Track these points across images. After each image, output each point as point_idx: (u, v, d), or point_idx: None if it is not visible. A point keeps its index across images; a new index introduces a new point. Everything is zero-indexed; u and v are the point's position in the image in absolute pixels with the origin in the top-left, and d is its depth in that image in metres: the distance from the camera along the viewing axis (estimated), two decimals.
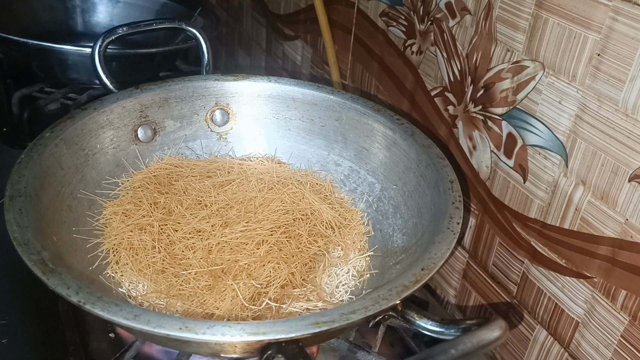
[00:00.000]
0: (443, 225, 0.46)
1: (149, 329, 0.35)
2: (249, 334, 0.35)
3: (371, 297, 0.39)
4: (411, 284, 0.40)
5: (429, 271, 0.41)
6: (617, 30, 0.39)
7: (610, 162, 0.42)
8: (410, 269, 0.42)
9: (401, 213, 0.56)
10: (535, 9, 0.45)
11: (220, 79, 0.64)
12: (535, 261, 0.50)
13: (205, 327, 0.35)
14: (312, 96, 0.63)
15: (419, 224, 0.52)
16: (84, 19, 1.02)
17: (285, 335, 0.35)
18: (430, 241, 0.45)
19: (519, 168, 0.50)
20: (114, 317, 0.35)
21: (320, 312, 0.38)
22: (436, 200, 0.51)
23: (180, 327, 0.35)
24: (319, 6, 0.74)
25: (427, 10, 0.58)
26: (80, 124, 0.55)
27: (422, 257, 0.43)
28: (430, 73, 0.60)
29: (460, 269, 0.60)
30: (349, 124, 0.62)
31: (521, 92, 0.48)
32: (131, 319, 0.35)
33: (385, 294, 0.39)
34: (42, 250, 0.40)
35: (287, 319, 0.37)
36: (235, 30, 1.10)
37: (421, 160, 0.55)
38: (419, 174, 0.55)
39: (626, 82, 0.39)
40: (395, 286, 0.40)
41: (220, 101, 0.64)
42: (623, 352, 0.43)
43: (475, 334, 0.37)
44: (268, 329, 0.35)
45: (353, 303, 0.38)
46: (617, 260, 0.42)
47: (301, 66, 0.88)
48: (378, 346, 0.51)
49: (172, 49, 0.92)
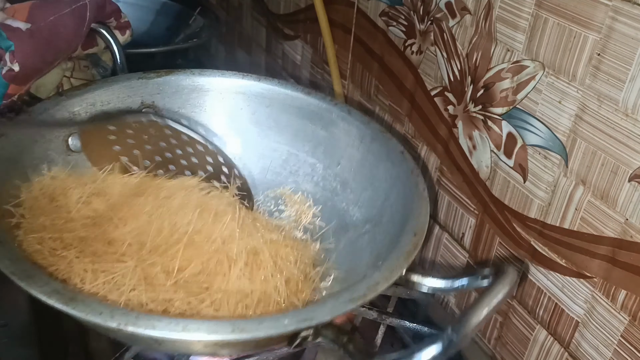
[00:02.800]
0: (412, 193, 0.50)
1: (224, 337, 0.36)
2: (299, 320, 0.37)
3: (386, 267, 0.42)
4: (412, 249, 0.44)
5: (421, 234, 0.46)
6: (617, 30, 0.39)
7: (610, 161, 0.42)
8: (402, 237, 0.45)
9: (351, 188, 0.59)
10: (535, 8, 0.45)
11: (144, 76, 0.62)
12: (535, 261, 0.50)
13: (257, 323, 0.36)
14: (239, 85, 0.63)
15: (374, 196, 0.56)
16: None
17: (329, 316, 0.38)
18: (406, 209, 0.49)
19: (519, 168, 0.50)
20: (165, 334, 0.35)
21: (351, 288, 0.40)
22: (392, 172, 0.55)
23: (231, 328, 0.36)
24: (318, 6, 0.74)
25: (427, 10, 0.58)
26: (15, 141, 0.50)
27: (408, 224, 0.47)
28: (430, 73, 0.60)
29: (461, 269, 0.60)
30: (280, 109, 0.63)
31: (521, 91, 0.48)
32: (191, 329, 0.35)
33: (393, 263, 0.42)
34: (50, 281, 0.38)
35: (322, 302, 0.39)
36: (235, 30, 1.10)
37: (364, 136, 0.58)
38: (365, 150, 0.58)
39: (626, 82, 0.39)
40: (400, 254, 0.43)
41: (146, 100, 0.62)
42: (623, 352, 0.43)
43: (497, 287, 0.40)
44: (313, 314, 0.38)
45: (371, 276, 0.41)
46: (617, 260, 0.42)
47: (301, 66, 0.88)
48: (378, 346, 0.51)
49: (172, 48, 0.92)
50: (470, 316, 0.37)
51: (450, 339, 0.36)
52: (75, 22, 0.56)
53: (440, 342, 0.36)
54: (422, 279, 0.45)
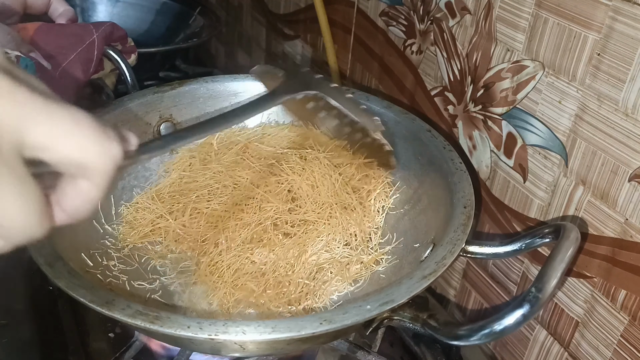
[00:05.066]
0: (449, 168, 0.51)
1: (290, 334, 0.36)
2: (381, 304, 0.38)
3: (447, 241, 0.44)
4: (466, 220, 0.45)
5: (471, 205, 0.47)
6: (617, 30, 0.39)
7: (610, 161, 0.42)
8: (455, 211, 0.46)
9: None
10: (535, 8, 0.45)
11: (158, 90, 0.61)
12: (535, 261, 0.50)
13: (341, 312, 0.37)
14: (254, 86, 0.63)
15: (408, 177, 0.57)
16: (84, 18, 1.02)
17: (407, 296, 0.39)
18: (447, 184, 0.50)
19: (518, 168, 0.50)
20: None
21: (421, 266, 0.41)
22: (423, 150, 0.55)
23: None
24: (318, 6, 0.74)
25: (427, 10, 0.58)
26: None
27: (455, 198, 0.48)
28: (430, 73, 0.60)
29: (461, 269, 0.60)
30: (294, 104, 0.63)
31: (521, 91, 0.48)
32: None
33: (452, 237, 0.44)
34: (130, 303, 0.38)
35: (398, 283, 0.40)
36: (235, 30, 1.10)
37: (388, 120, 0.58)
38: (389, 131, 0.57)
39: (626, 82, 0.39)
40: (457, 227, 0.45)
41: (164, 114, 0.62)
42: (623, 352, 0.43)
43: (565, 243, 0.40)
44: (392, 296, 0.38)
45: (435, 252, 0.43)
46: (617, 260, 0.42)
47: (301, 66, 0.88)
48: (378, 346, 0.51)
49: (172, 48, 0.92)
50: (549, 272, 0.38)
51: (536, 296, 0.36)
52: (85, 65, 0.55)
53: (526, 303, 0.36)
54: (480, 249, 0.46)
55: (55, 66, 0.52)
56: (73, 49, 0.54)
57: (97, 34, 0.57)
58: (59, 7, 0.59)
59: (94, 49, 0.57)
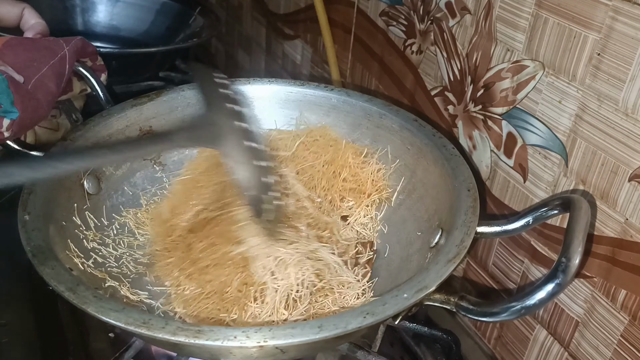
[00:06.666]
0: (443, 155, 0.52)
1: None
2: (417, 291, 0.38)
3: (461, 223, 0.45)
4: (473, 203, 0.46)
5: (474, 187, 0.48)
6: (617, 30, 0.39)
7: (610, 161, 0.42)
8: (460, 195, 0.47)
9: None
10: (535, 8, 0.45)
11: (136, 103, 0.59)
12: (535, 261, 0.50)
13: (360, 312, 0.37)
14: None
15: (400, 167, 0.58)
16: (84, 18, 1.02)
17: (439, 281, 0.40)
18: (444, 170, 0.51)
19: (519, 168, 0.50)
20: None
21: (442, 251, 0.42)
22: (413, 140, 0.56)
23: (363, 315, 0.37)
24: (318, 6, 0.74)
25: (427, 10, 0.58)
26: (41, 197, 0.47)
27: (457, 182, 0.49)
28: (430, 73, 0.60)
29: (460, 269, 0.60)
30: (279, 105, 0.63)
31: (521, 91, 0.48)
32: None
33: (465, 219, 0.45)
34: (168, 321, 0.37)
35: (426, 269, 0.41)
36: (235, 30, 1.10)
37: (371, 113, 0.59)
38: (374, 125, 0.59)
39: (626, 82, 0.39)
40: (467, 209, 0.46)
41: (144, 126, 0.60)
42: (623, 352, 0.43)
43: (578, 213, 0.40)
44: (425, 282, 0.39)
45: (452, 235, 0.44)
46: (617, 260, 0.42)
47: (301, 66, 0.88)
48: (378, 346, 0.51)
49: (172, 48, 0.92)
50: (574, 241, 0.39)
51: (567, 265, 0.37)
52: (58, 79, 0.53)
53: (560, 273, 0.37)
54: (489, 229, 0.47)
55: (27, 79, 0.51)
56: (45, 61, 0.52)
57: (68, 48, 0.55)
58: (30, 19, 0.58)
59: (66, 62, 0.54)
